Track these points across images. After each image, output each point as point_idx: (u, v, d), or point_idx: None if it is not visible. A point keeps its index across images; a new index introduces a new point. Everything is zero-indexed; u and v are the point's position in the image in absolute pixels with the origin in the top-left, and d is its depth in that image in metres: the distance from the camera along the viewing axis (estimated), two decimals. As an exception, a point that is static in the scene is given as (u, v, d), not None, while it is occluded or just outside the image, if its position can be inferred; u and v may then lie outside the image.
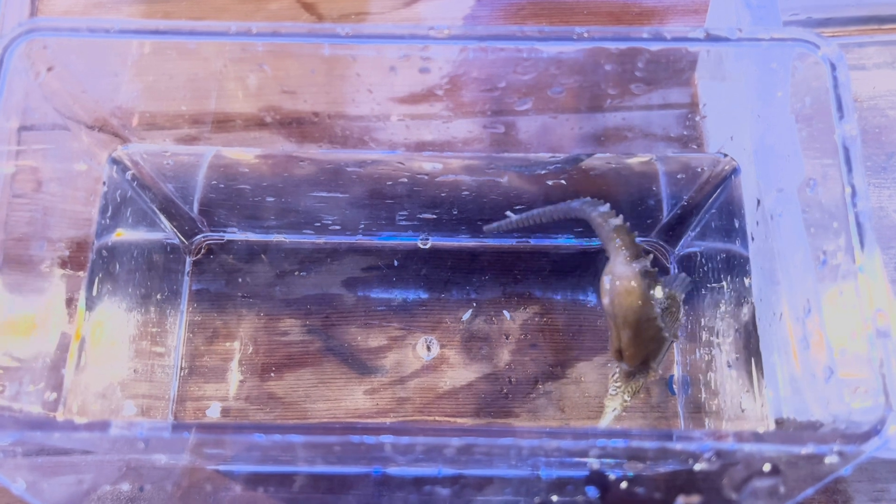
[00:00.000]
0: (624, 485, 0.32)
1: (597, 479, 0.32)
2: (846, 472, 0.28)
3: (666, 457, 0.29)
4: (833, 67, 0.33)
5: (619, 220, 0.42)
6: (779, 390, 0.38)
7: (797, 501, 0.30)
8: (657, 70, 0.38)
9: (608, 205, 0.43)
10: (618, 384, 0.45)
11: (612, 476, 0.33)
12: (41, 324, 0.42)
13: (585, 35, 0.33)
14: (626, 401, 0.45)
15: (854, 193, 0.31)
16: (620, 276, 0.41)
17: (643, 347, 0.42)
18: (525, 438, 0.28)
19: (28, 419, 0.34)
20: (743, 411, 0.42)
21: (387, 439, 0.27)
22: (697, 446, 0.28)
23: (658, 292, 0.41)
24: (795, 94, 0.37)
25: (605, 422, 0.46)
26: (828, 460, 0.28)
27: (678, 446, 0.28)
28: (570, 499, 0.35)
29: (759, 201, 0.41)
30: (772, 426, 0.38)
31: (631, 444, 0.28)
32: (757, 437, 0.29)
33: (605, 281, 0.41)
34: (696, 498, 0.30)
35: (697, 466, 0.28)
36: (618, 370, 0.45)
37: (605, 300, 0.41)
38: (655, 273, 0.42)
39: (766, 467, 0.28)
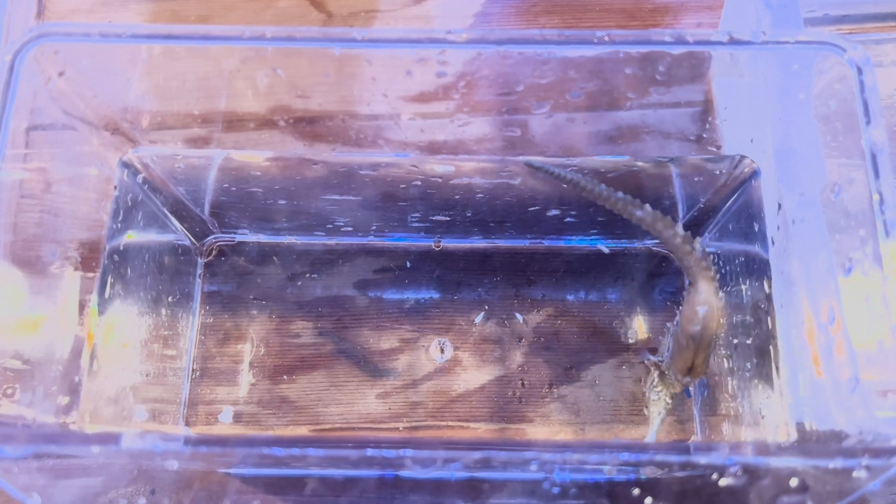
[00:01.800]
0: (649, 501, 0.31)
1: (621, 492, 0.32)
2: (875, 488, 0.27)
3: (689, 469, 0.29)
4: (860, 71, 0.32)
5: (702, 246, 0.42)
6: (800, 397, 0.38)
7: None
8: (673, 70, 0.37)
9: (680, 225, 0.43)
10: (657, 388, 0.45)
11: (634, 489, 0.32)
12: (53, 327, 0.41)
13: (606, 39, 0.33)
14: (668, 403, 0.45)
15: (882, 201, 0.31)
16: (714, 307, 0.42)
17: (709, 359, 0.43)
18: (546, 452, 0.28)
19: (41, 432, 0.34)
20: (763, 417, 0.41)
21: (407, 453, 0.27)
22: (722, 460, 0.27)
23: None
24: (819, 96, 0.36)
25: (654, 428, 0.47)
26: (856, 475, 0.27)
27: (703, 460, 0.27)
28: (590, 502, 0.35)
29: (780, 205, 0.40)
30: (793, 433, 0.37)
31: (655, 457, 0.27)
32: (782, 450, 0.28)
33: (700, 311, 0.42)
34: (721, 514, 0.30)
35: (723, 482, 0.28)
36: (654, 375, 0.46)
37: (696, 328, 0.42)
38: None
39: (794, 482, 0.28)
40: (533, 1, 0.59)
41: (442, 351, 0.51)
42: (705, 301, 0.41)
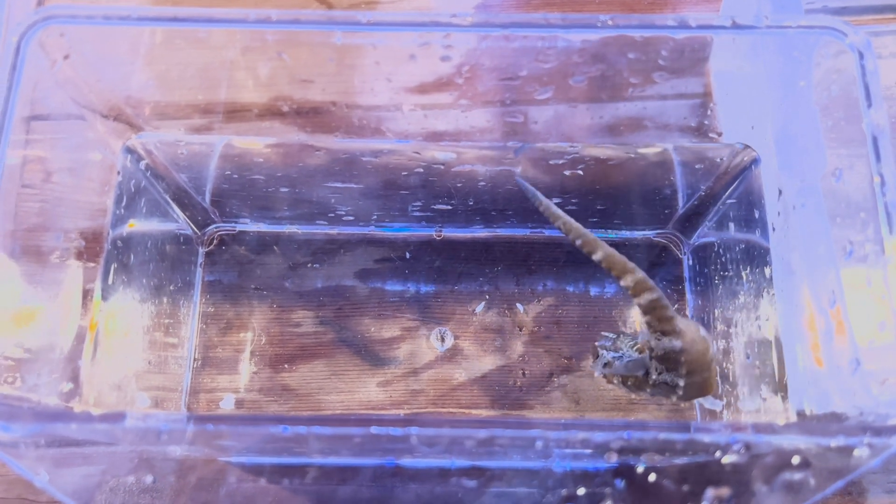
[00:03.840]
0: (652, 477, 0.31)
1: (624, 471, 0.32)
2: (875, 465, 0.28)
3: (693, 449, 0.29)
4: (861, 56, 0.32)
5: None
6: (800, 382, 0.38)
7: (823, 495, 0.30)
8: (675, 57, 0.37)
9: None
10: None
11: (639, 468, 0.32)
12: (56, 315, 0.41)
13: (610, 23, 0.33)
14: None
15: (883, 183, 0.31)
16: (701, 338, 0.38)
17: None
18: (551, 430, 0.28)
19: (46, 411, 0.34)
20: (764, 401, 0.41)
21: (413, 431, 0.27)
22: (726, 438, 0.28)
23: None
24: (820, 83, 0.37)
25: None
26: (857, 453, 0.28)
27: (707, 438, 0.28)
28: (597, 489, 0.35)
29: (780, 191, 0.41)
30: (793, 418, 0.37)
31: (658, 436, 0.27)
32: (785, 429, 0.28)
33: (702, 349, 0.37)
34: (725, 490, 0.30)
35: (726, 459, 0.28)
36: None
37: (707, 371, 0.38)
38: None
39: (795, 460, 0.28)
40: (533, -7, 0.60)
41: (442, 340, 0.51)
42: (693, 340, 0.37)
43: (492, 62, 0.37)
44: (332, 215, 0.51)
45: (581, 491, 0.36)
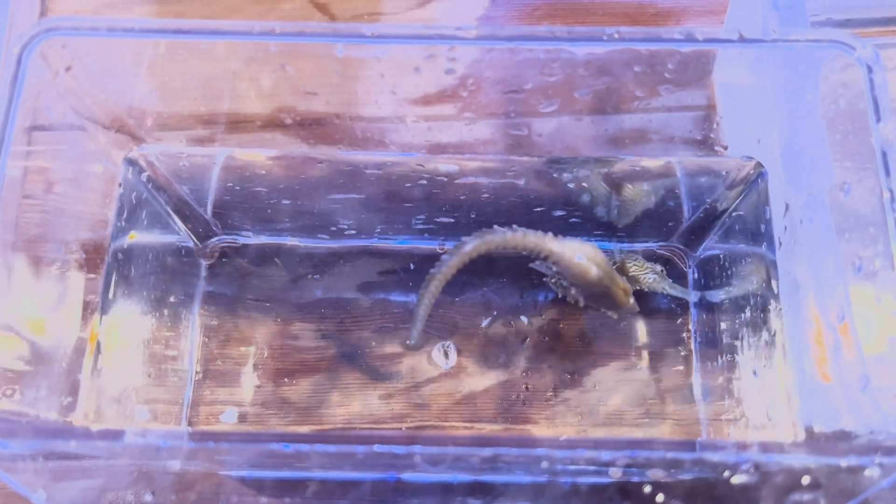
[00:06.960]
0: (660, 498, 0.31)
1: (631, 490, 0.32)
2: (886, 485, 0.27)
3: (697, 467, 0.29)
4: (869, 69, 0.32)
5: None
6: (808, 398, 0.37)
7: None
8: (680, 70, 0.37)
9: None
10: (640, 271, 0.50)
11: (647, 488, 0.32)
12: (56, 327, 0.41)
13: (616, 36, 0.33)
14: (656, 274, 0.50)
15: (893, 198, 0.30)
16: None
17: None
18: (556, 449, 0.28)
19: (45, 427, 0.34)
20: (770, 420, 0.41)
21: (416, 450, 0.27)
22: (733, 457, 0.27)
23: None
24: (827, 96, 0.36)
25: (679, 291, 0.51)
26: (868, 473, 0.27)
27: (714, 457, 0.27)
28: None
29: (787, 206, 0.40)
30: (801, 435, 0.37)
31: (665, 455, 0.27)
32: (794, 448, 0.28)
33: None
34: (733, 511, 0.29)
35: (735, 479, 0.27)
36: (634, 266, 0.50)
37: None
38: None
39: (805, 480, 0.27)
40: (535, 5, 0.59)
41: (446, 354, 0.51)
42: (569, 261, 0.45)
43: (496, 75, 0.37)
44: (335, 228, 0.51)
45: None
